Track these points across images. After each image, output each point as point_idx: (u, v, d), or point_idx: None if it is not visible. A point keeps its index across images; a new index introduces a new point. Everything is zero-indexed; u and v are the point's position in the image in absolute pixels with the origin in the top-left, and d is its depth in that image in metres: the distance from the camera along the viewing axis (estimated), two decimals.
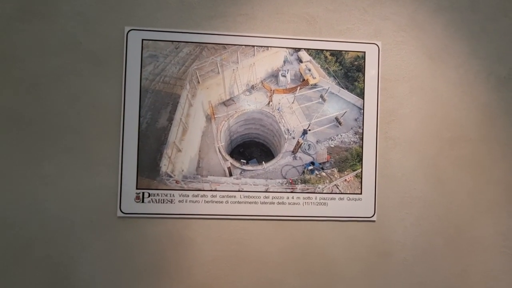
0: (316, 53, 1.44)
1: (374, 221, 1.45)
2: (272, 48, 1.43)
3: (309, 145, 1.43)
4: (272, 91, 1.43)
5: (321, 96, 1.44)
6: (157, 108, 1.38)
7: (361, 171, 1.44)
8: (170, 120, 1.38)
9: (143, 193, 1.37)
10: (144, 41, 1.38)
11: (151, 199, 1.37)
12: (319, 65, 1.44)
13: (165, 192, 1.38)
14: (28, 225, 1.34)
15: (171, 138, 1.38)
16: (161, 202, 1.38)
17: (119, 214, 1.36)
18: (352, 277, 1.45)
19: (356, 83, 1.45)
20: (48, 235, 1.35)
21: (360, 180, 1.44)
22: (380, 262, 1.46)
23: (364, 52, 1.45)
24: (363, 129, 1.45)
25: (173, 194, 1.38)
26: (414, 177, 1.47)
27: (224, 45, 1.41)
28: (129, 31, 1.38)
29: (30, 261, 1.34)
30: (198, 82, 1.40)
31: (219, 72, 1.41)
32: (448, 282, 1.49)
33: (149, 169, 1.37)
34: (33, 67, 1.35)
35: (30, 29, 1.35)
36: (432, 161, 1.49)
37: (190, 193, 1.38)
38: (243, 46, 1.42)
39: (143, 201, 1.37)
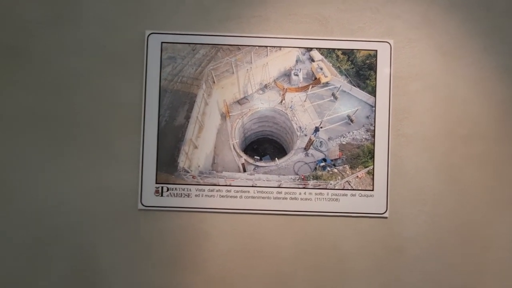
0: (328, 52, 1.31)
1: (386, 217, 1.30)
2: (285, 48, 1.32)
3: (321, 142, 1.31)
4: (284, 90, 1.32)
5: (333, 94, 1.31)
6: (175, 106, 1.30)
7: (373, 168, 1.30)
8: (187, 118, 1.30)
9: (162, 187, 1.29)
10: (163, 43, 1.30)
11: (169, 193, 1.29)
12: (331, 64, 1.32)
13: (182, 186, 1.29)
14: (55, 217, 1.29)
15: (188, 135, 1.29)
16: (178, 196, 1.29)
17: (140, 207, 1.29)
18: (363, 272, 1.31)
19: (368, 81, 1.31)
20: (73, 226, 1.29)
21: (372, 176, 1.30)
22: (392, 258, 1.31)
23: (376, 50, 1.31)
24: (375, 127, 1.30)
25: (189, 189, 1.29)
26: (427, 175, 1.32)
27: (239, 46, 1.31)
28: (149, 34, 1.30)
29: (57, 250, 1.29)
30: (214, 82, 1.31)
31: (233, 72, 1.31)
32: (462, 280, 1.32)
33: (168, 164, 1.29)
34: (60, 69, 1.30)
35: (57, 33, 1.31)
36: (446, 159, 1.32)
37: (206, 187, 1.29)
38: (257, 47, 1.31)
39: (162, 195, 1.29)
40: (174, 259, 1.29)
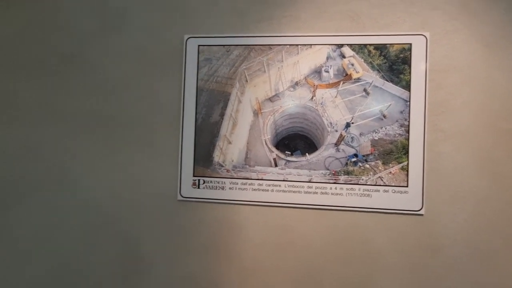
0: (360, 48, 1.21)
1: (422, 215, 1.17)
2: (315, 45, 1.23)
3: (352, 137, 1.20)
4: (315, 87, 1.23)
5: (365, 90, 1.20)
6: (210, 105, 1.27)
7: (407, 164, 1.17)
8: (222, 115, 1.26)
9: (198, 180, 1.27)
10: (200, 46, 1.28)
11: (205, 185, 1.26)
12: (363, 60, 1.21)
13: (217, 179, 1.26)
14: (104, 206, 1.33)
15: (222, 131, 1.26)
16: (213, 189, 1.26)
17: (179, 198, 1.28)
18: (395, 270, 1.18)
19: (401, 76, 1.18)
20: (120, 214, 1.32)
21: (406, 172, 1.17)
22: (428, 257, 1.17)
23: (411, 44, 1.18)
24: (409, 122, 1.17)
25: (224, 182, 1.25)
26: (467, 171, 1.16)
27: (270, 46, 1.25)
28: (188, 38, 1.29)
29: (106, 236, 1.32)
30: (246, 81, 1.26)
31: (265, 71, 1.26)
32: (506, 284, 1.14)
33: (204, 159, 1.27)
34: (110, 74, 1.34)
35: (108, 42, 1.34)
36: (488, 154, 1.15)
37: (239, 181, 1.25)
38: (288, 46, 1.25)
39: (198, 187, 1.27)
40: (209, 247, 1.27)
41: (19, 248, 1.37)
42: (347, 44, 1.22)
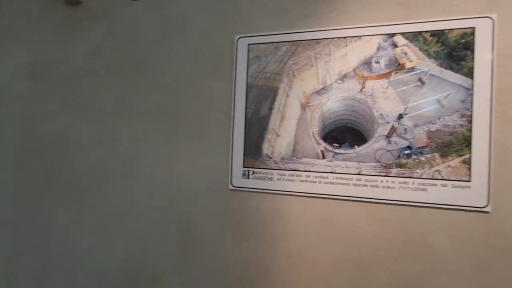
0: (414, 36, 1.07)
1: (487, 212, 0.99)
2: (364, 37, 1.12)
3: (405, 129, 1.07)
4: (365, 78, 1.12)
5: (420, 79, 1.06)
6: (259, 100, 1.24)
7: (470, 157, 1.00)
8: (270, 109, 1.22)
9: (248, 171, 1.24)
10: (250, 45, 1.26)
11: (255, 176, 1.23)
12: (417, 48, 1.06)
13: (266, 171, 1.22)
14: (166, 192, 1.37)
15: (271, 125, 1.22)
16: (262, 179, 1.22)
17: (230, 187, 1.27)
18: (456, 271, 1.01)
19: (463, 63, 1.02)
20: (179, 200, 1.35)
21: (468, 166, 1.00)
22: (495, 258, 0.98)
23: (474, 28, 1.01)
24: (472, 111, 1.00)
25: (272, 173, 1.21)
26: None
27: (317, 40, 1.18)
28: (238, 38, 1.27)
29: (167, 218, 1.37)
30: (294, 75, 1.20)
31: (312, 65, 1.18)
32: None
33: (253, 151, 1.24)
34: (172, 75, 1.38)
35: (170, 47, 1.39)
36: None
37: (287, 172, 1.19)
38: (336, 39, 1.16)
39: (248, 178, 1.24)
40: (258, 234, 1.23)
41: (99, 224, 1.48)
42: (400, 33, 1.08)
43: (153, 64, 1.42)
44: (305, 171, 1.17)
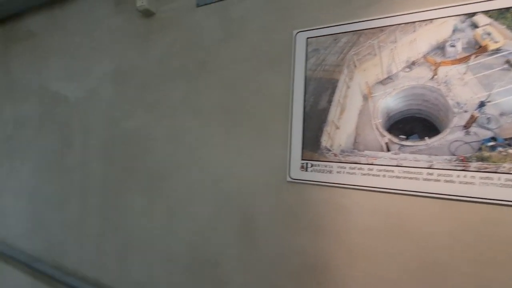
0: (500, 14, 0.94)
1: None
2: (437, 19, 1.02)
3: (488, 118, 0.94)
4: (437, 64, 1.02)
5: (508, 62, 0.92)
6: (318, 93, 1.22)
7: None
8: (330, 102, 1.20)
9: (306, 163, 1.24)
10: (308, 39, 1.25)
11: (313, 168, 1.22)
12: (505, 26, 0.93)
13: (325, 163, 1.20)
14: (228, 184, 1.44)
15: (330, 117, 1.19)
16: (321, 172, 1.21)
17: (288, 179, 1.28)
18: None
19: None
20: (239, 192, 1.41)
21: None
22: None
23: None
24: None
25: (331, 166, 1.18)
26: None
27: (381, 28, 1.11)
28: (296, 33, 1.28)
29: (228, 209, 1.43)
30: (355, 66, 1.16)
31: (376, 54, 1.12)
32: None
33: (312, 143, 1.23)
34: (232, 73, 1.45)
35: (231, 47, 1.46)
36: None
37: (347, 165, 1.15)
38: (402, 25, 1.08)
39: (306, 170, 1.24)
40: (317, 227, 1.22)
41: (168, 211, 1.64)
42: (482, 12, 0.96)
43: (215, 64, 1.51)
44: (367, 164, 1.12)
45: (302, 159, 1.25)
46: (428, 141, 1.03)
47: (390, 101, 1.10)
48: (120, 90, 1.87)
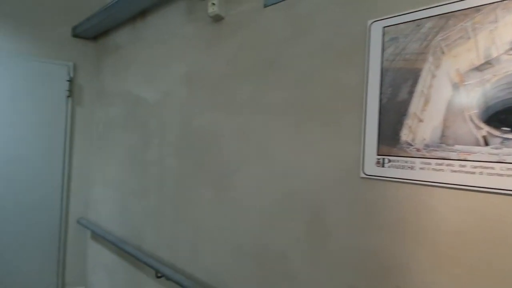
0: None
1: None
2: None
3: None
4: None
5: None
6: (397, 84, 1.15)
7: None
8: (411, 93, 1.11)
9: (383, 158, 1.17)
10: (385, 28, 1.19)
11: (391, 164, 1.15)
12: None
13: (405, 159, 1.12)
14: (295, 178, 1.45)
15: (411, 109, 1.11)
16: (400, 168, 1.13)
17: (362, 175, 1.23)
18: None
19: None
20: (308, 186, 1.40)
21: None
22: None
23: None
24: None
25: (413, 161, 1.10)
26: None
27: (477, 8, 0.99)
28: (371, 23, 1.22)
29: (294, 205, 1.44)
30: (443, 53, 1.05)
31: (469, 38, 1.01)
32: None
33: (389, 138, 1.16)
34: (300, 69, 1.46)
35: (298, 43, 1.47)
36: None
37: (433, 161, 1.06)
38: (505, 1, 0.94)
39: (383, 166, 1.17)
40: (394, 226, 1.14)
41: (236, 203, 1.72)
42: None
43: (283, 62, 1.54)
44: (459, 160, 1.01)
45: (378, 154, 1.19)
46: None
47: (489, 89, 0.97)
48: (192, 92, 2.04)
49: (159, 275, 2.06)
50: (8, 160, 2.72)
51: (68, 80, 2.97)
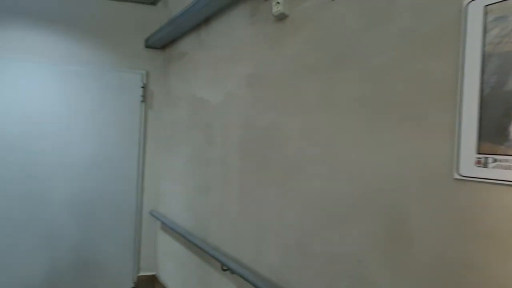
0: None
1: None
2: None
3: None
4: None
5: None
6: (504, 71, 0.98)
7: None
8: None
9: (486, 158, 1.01)
10: (487, 7, 1.02)
11: (497, 164, 0.99)
12: None
13: None
14: (368, 179, 1.35)
15: None
16: (510, 169, 0.96)
17: (456, 176, 1.09)
18: None
19: None
20: (385, 188, 1.29)
21: None
22: None
23: None
24: None
25: None
26: None
27: None
28: (468, 2, 1.07)
29: (367, 207, 1.34)
30: None
31: None
32: None
33: (494, 134, 1.00)
34: (375, 63, 1.36)
35: (372, 35, 1.37)
36: None
37: None
38: None
39: (485, 166, 1.01)
40: (499, 236, 0.97)
41: (300, 204, 1.69)
42: None
43: (354, 56, 1.45)
44: None
45: (479, 153, 1.03)
46: None
47: None
48: (254, 92, 2.08)
49: (224, 268, 2.16)
50: (94, 160, 3.16)
51: (142, 87, 3.33)
